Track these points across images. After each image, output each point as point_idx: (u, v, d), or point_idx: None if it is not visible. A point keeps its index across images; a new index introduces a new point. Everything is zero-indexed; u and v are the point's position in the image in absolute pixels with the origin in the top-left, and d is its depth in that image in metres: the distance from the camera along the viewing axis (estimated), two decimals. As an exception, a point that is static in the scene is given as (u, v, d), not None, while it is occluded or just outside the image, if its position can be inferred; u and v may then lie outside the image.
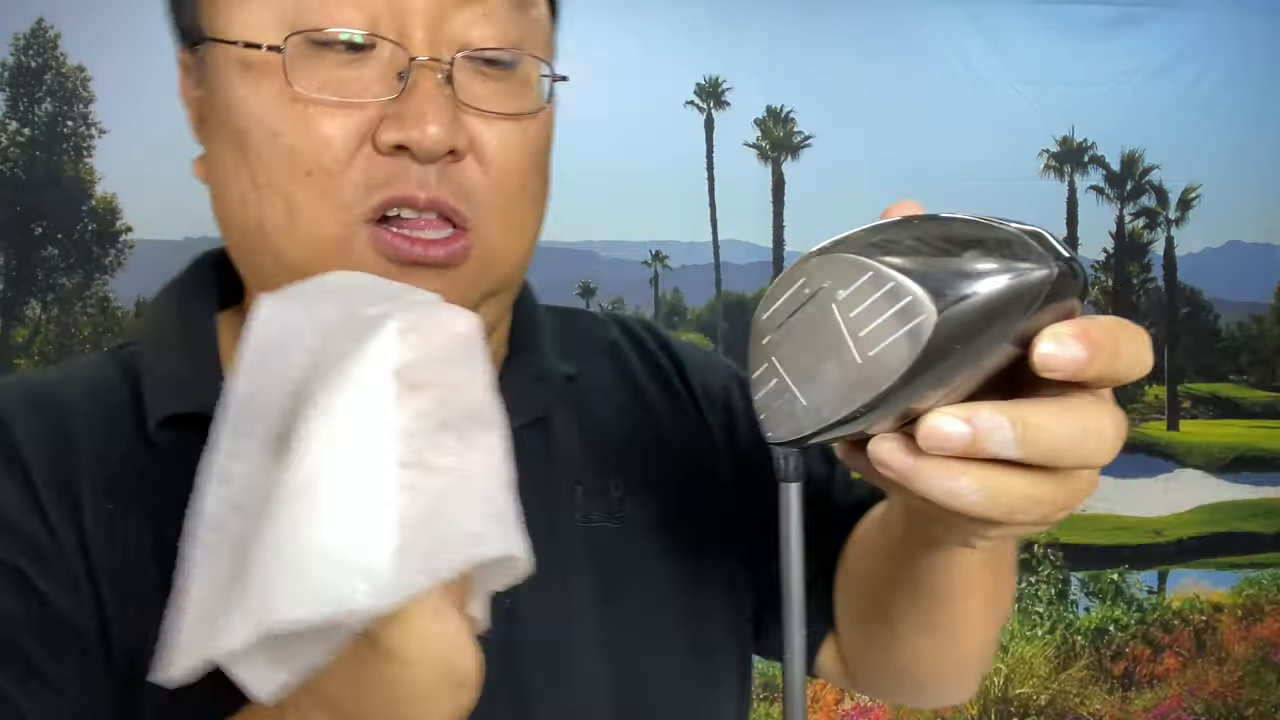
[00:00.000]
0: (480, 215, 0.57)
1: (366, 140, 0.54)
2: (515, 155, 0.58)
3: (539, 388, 0.65)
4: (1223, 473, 3.27)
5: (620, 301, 3.03)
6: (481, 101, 0.56)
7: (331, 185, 0.54)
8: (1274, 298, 3.36)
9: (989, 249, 0.36)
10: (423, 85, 0.54)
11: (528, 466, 0.60)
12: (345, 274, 0.48)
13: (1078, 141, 3.16)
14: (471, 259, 0.57)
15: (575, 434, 0.67)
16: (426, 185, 0.55)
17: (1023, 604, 3.06)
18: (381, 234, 0.55)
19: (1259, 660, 3.12)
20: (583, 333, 0.72)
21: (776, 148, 2.99)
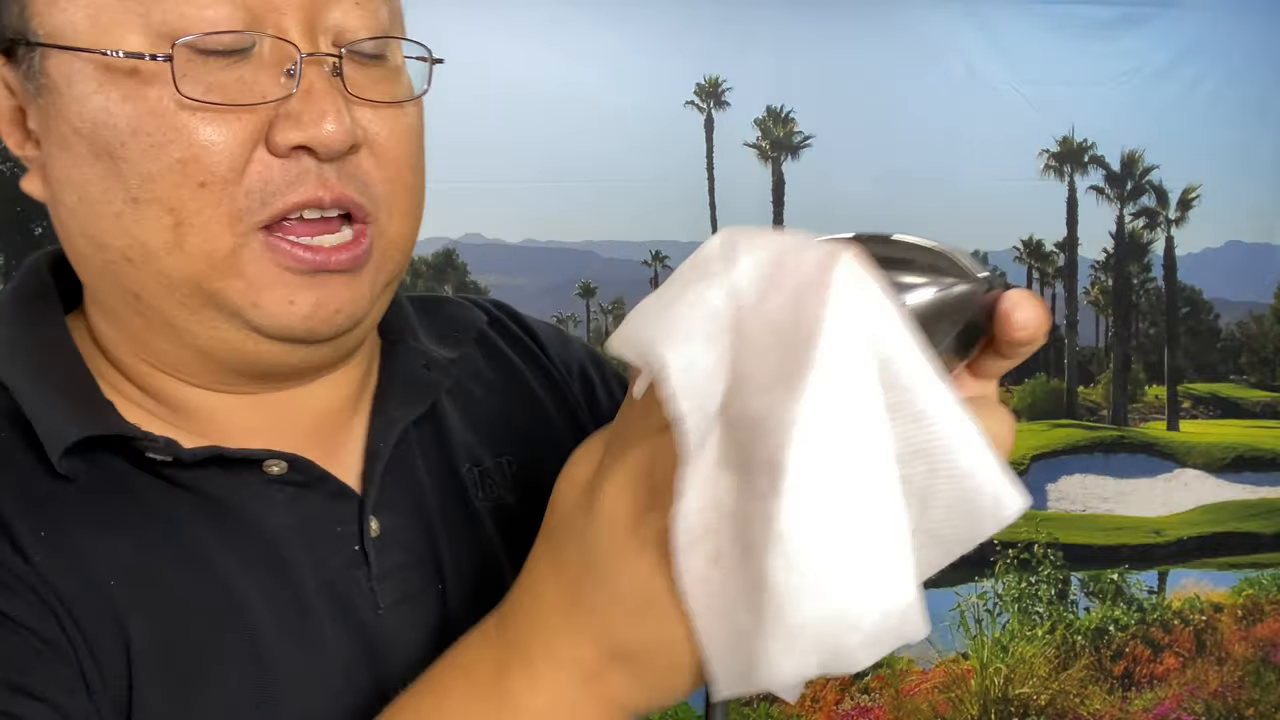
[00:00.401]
0: (379, 207, 0.56)
1: (259, 144, 0.52)
2: (404, 143, 0.57)
3: (430, 375, 0.65)
4: (1223, 473, 3.28)
5: (620, 302, 3.03)
6: (366, 91, 0.55)
7: (226, 194, 0.52)
8: (1274, 298, 3.36)
9: (927, 270, 0.40)
10: (316, 81, 0.53)
11: (430, 455, 0.64)
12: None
13: (1078, 141, 3.16)
14: (374, 254, 0.56)
15: (460, 418, 0.68)
16: (329, 184, 0.53)
17: (1023, 604, 3.06)
18: (277, 244, 0.53)
19: (1259, 660, 3.12)
20: (452, 320, 0.71)
21: (776, 148, 2.99)
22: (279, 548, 0.56)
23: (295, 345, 0.55)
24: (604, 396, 0.78)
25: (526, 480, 0.69)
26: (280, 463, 0.57)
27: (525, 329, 0.77)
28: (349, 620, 0.57)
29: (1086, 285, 3.28)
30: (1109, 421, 3.28)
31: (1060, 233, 3.22)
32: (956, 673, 2.97)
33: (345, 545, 0.58)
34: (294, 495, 0.58)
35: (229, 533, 0.55)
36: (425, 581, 0.61)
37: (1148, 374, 3.34)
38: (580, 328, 3.04)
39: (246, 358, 0.56)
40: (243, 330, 0.54)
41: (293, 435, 0.59)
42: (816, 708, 2.88)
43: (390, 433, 0.61)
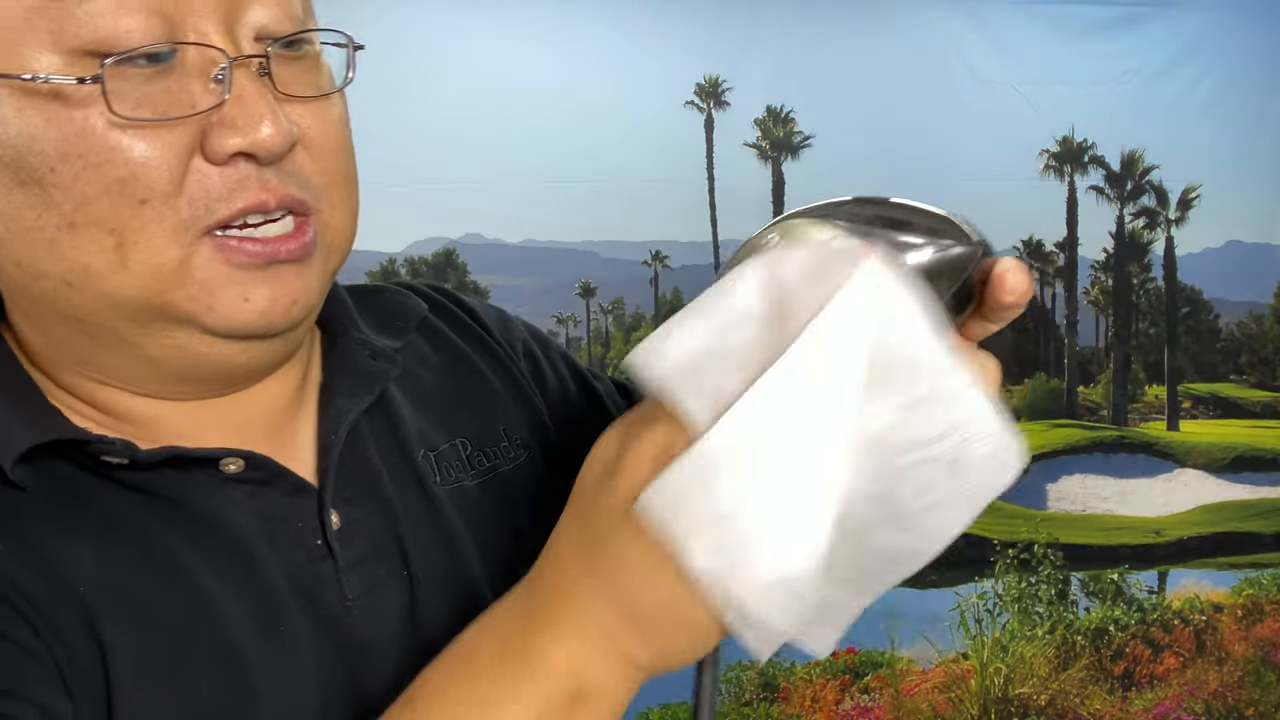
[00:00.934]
0: (319, 200, 0.56)
1: (194, 153, 0.51)
2: (336, 134, 0.57)
3: (376, 365, 0.65)
4: (1223, 473, 3.28)
5: (620, 301, 3.03)
6: (293, 87, 0.54)
7: (169, 208, 0.51)
8: (1274, 298, 3.36)
9: (928, 232, 0.44)
10: (247, 85, 0.51)
11: (383, 444, 0.65)
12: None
13: (1078, 141, 3.16)
14: (319, 245, 0.56)
15: (411, 406, 0.68)
16: (271, 187, 0.53)
17: (1023, 604, 3.06)
18: (225, 243, 0.52)
19: (1259, 660, 3.12)
20: (393, 309, 0.70)
21: (776, 148, 2.99)
22: (244, 545, 0.56)
23: (251, 342, 0.55)
24: (551, 375, 0.78)
25: (482, 461, 0.69)
26: (237, 460, 0.57)
27: (468, 311, 0.77)
28: (319, 614, 0.57)
29: (1086, 285, 3.28)
30: (1109, 421, 3.28)
31: (1060, 233, 3.22)
32: (956, 673, 2.97)
33: (308, 540, 0.58)
34: (252, 493, 0.57)
35: (192, 534, 0.55)
36: (391, 570, 0.61)
37: (1148, 374, 3.34)
38: (580, 328, 3.04)
39: (200, 362, 0.55)
40: (197, 335, 0.54)
41: (244, 435, 0.59)
42: (816, 708, 2.88)
43: (341, 424, 0.61)
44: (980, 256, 0.43)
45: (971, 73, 3.04)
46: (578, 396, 0.80)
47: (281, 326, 0.55)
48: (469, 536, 0.65)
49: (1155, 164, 3.21)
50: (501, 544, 0.67)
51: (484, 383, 0.73)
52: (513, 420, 0.73)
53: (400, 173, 2.71)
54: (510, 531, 0.68)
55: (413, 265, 2.85)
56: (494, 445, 0.70)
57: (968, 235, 0.43)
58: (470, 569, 0.64)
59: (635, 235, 2.96)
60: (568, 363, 0.82)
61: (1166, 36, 3.13)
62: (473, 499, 0.67)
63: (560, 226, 2.91)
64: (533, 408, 0.75)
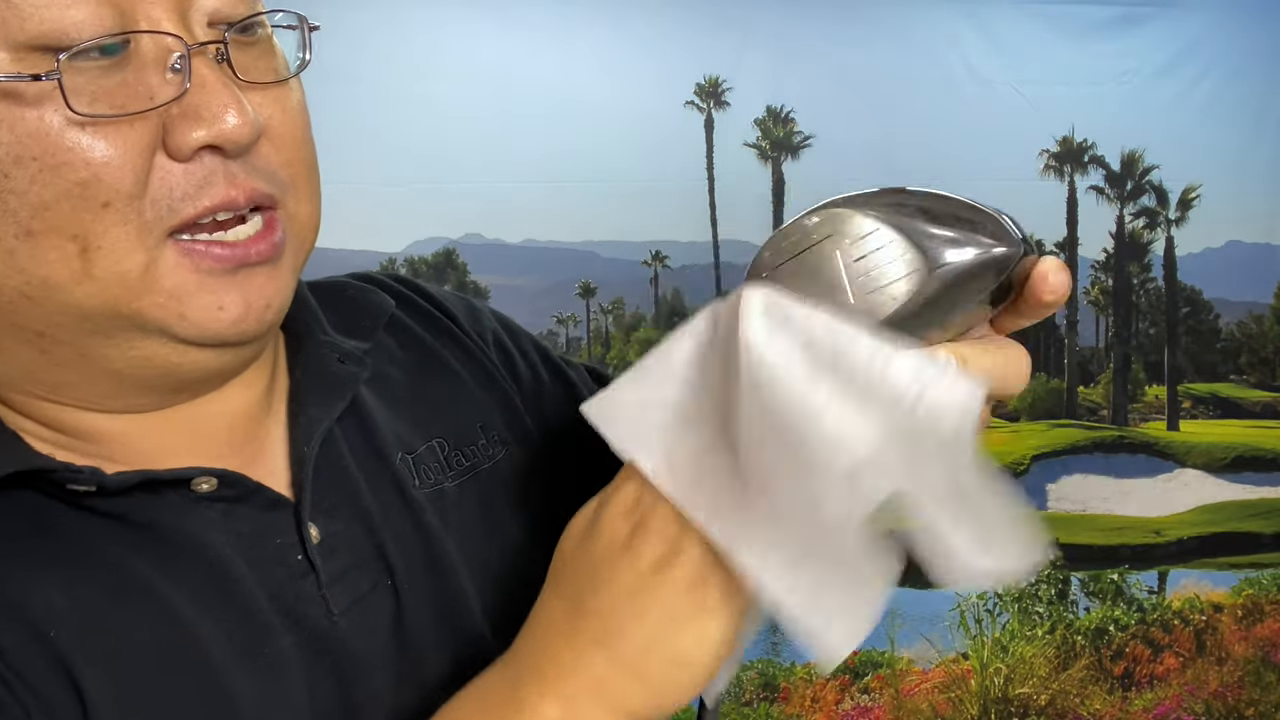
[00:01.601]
0: (285, 192, 0.53)
1: (156, 150, 0.48)
2: (297, 122, 0.55)
3: (345, 369, 0.62)
4: (1223, 473, 3.27)
5: (620, 301, 3.03)
6: (251, 73, 0.51)
7: (133, 210, 0.48)
8: (1274, 298, 3.36)
9: (972, 227, 0.44)
10: (207, 74, 0.49)
11: (358, 450, 0.63)
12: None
13: (1078, 141, 3.16)
14: (288, 242, 0.54)
15: (384, 408, 0.66)
16: (239, 182, 0.50)
17: (1023, 604, 3.06)
18: (191, 248, 0.49)
19: (1259, 660, 3.12)
20: (359, 308, 0.68)
21: (776, 148, 2.99)
22: (221, 567, 0.53)
23: (223, 349, 0.53)
24: (524, 367, 0.76)
25: (460, 460, 0.67)
26: (210, 479, 0.54)
27: (435, 304, 0.74)
28: (305, 632, 0.55)
29: (1086, 285, 3.28)
30: (1109, 421, 3.28)
31: (1060, 233, 3.22)
32: (956, 673, 2.97)
33: (288, 556, 0.56)
34: (226, 511, 0.55)
35: (166, 559, 0.52)
36: (375, 581, 0.59)
37: (1148, 374, 3.34)
38: (580, 328, 3.04)
39: (169, 371, 0.52)
40: (168, 344, 0.51)
41: (211, 447, 0.57)
42: (816, 708, 2.88)
43: (313, 434, 0.59)
44: (1022, 256, 0.44)
45: (971, 73, 3.03)
46: (552, 386, 0.78)
47: (256, 333, 0.53)
48: (451, 540, 0.63)
49: (1155, 164, 3.20)
50: (483, 545, 0.65)
51: (457, 379, 0.71)
52: (489, 416, 0.71)
53: (400, 173, 2.71)
54: (491, 531, 0.66)
55: (413, 265, 2.85)
56: (472, 444, 0.69)
57: (1009, 233, 0.43)
58: (454, 573, 0.63)
59: (635, 235, 2.96)
60: (539, 351, 0.80)
61: (1166, 36, 3.13)
62: (452, 501, 0.65)
63: (560, 226, 2.91)
64: (507, 401, 0.73)
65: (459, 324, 0.74)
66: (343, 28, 2.61)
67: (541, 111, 2.78)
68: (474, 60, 2.74)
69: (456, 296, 0.77)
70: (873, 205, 0.45)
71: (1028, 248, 0.44)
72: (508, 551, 0.66)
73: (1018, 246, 0.43)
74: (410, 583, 0.60)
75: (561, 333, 3.02)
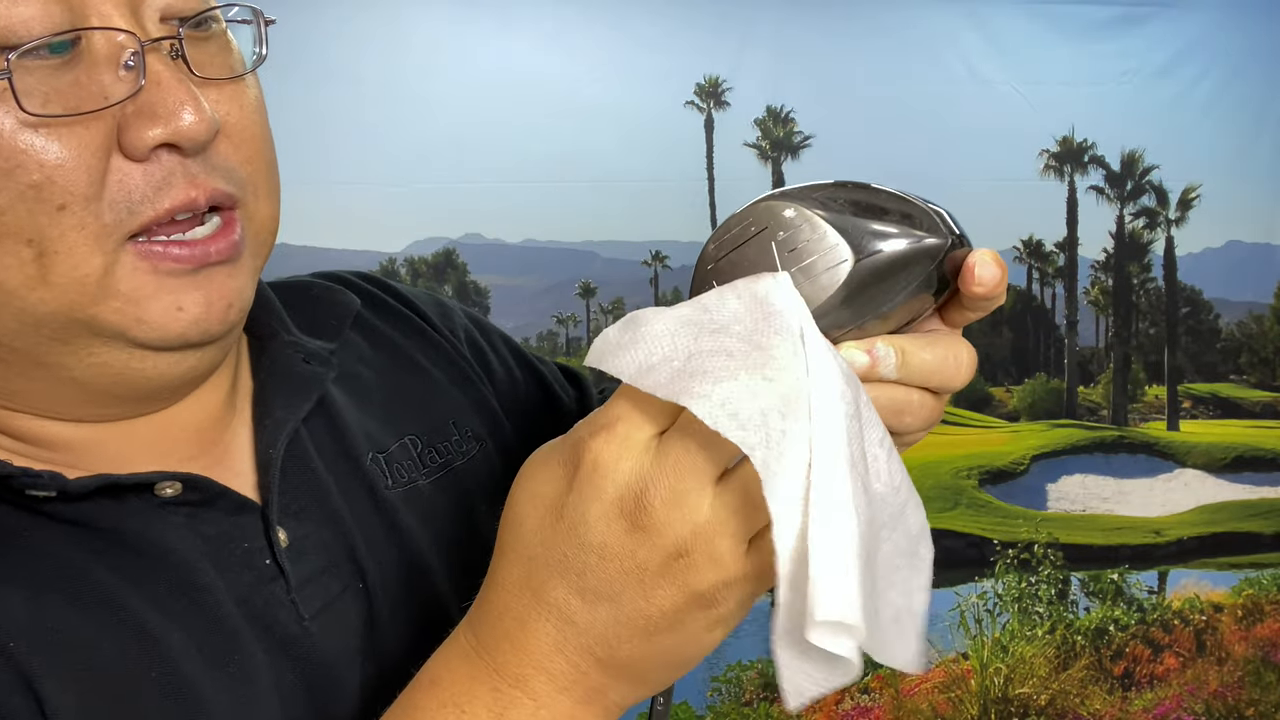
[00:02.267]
0: (245, 191, 0.52)
1: (112, 150, 0.47)
2: (255, 119, 0.53)
3: (310, 369, 0.61)
4: (1223, 473, 3.27)
5: (620, 302, 3.03)
6: (207, 69, 0.50)
7: (90, 213, 0.46)
8: (1274, 298, 3.36)
9: (903, 220, 0.44)
10: (162, 70, 0.47)
11: (327, 451, 0.61)
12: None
13: (1078, 141, 3.16)
14: (248, 240, 0.53)
15: (354, 407, 0.64)
16: (198, 182, 0.49)
17: (1023, 604, 3.06)
18: (149, 250, 0.48)
19: (1259, 660, 3.12)
20: (324, 307, 0.67)
21: (776, 148, 2.99)
22: (187, 574, 0.52)
23: (186, 352, 0.51)
24: (498, 364, 0.75)
25: (434, 457, 0.66)
26: (174, 484, 0.52)
27: (404, 302, 0.73)
28: (275, 638, 0.53)
29: (1086, 285, 3.28)
30: (1109, 421, 3.28)
31: (1060, 233, 3.22)
32: (956, 673, 2.97)
33: (256, 560, 0.54)
34: (192, 515, 0.53)
35: (130, 566, 0.51)
36: (346, 583, 0.58)
37: (1148, 374, 3.34)
38: (580, 328, 3.04)
39: (131, 378, 0.51)
40: (127, 350, 0.50)
41: (176, 452, 0.56)
42: (816, 708, 2.88)
43: (279, 435, 0.57)
44: (951, 248, 0.44)
45: (971, 73, 3.03)
46: (525, 383, 0.77)
47: (218, 333, 0.51)
48: (425, 539, 0.62)
49: (1155, 164, 3.20)
50: (459, 541, 0.64)
51: (428, 376, 0.70)
52: (462, 412, 0.70)
53: (400, 173, 2.70)
54: (468, 527, 0.65)
55: (413, 265, 2.85)
56: (445, 440, 0.68)
57: (940, 226, 0.44)
58: (428, 572, 0.62)
59: (635, 235, 2.96)
60: (510, 347, 0.79)
61: (1166, 36, 3.13)
62: (427, 498, 0.64)
63: (560, 226, 2.91)
64: (481, 398, 0.72)
65: (430, 322, 0.73)
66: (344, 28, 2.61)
67: (541, 111, 2.78)
68: (474, 60, 2.74)
69: (427, 295, 0.76)
70: (808, 197, 0.46)
71: (959, 240, 0.44)
72: (484, 546, 0.64)
73: (946, 238, 0.44)
74: (383, 584, 0.59)
75: (561, 333, 3.02)
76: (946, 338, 0.47)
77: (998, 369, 3.25)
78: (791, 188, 0.47)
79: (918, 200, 0.45)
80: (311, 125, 2.59)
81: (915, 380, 0.46)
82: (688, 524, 0.40)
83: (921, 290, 0.45)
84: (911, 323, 0.47)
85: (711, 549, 0.40)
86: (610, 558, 0.41)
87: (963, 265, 0.45)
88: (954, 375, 0.46)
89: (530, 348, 0.83)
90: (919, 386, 0.46)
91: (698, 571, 0.40)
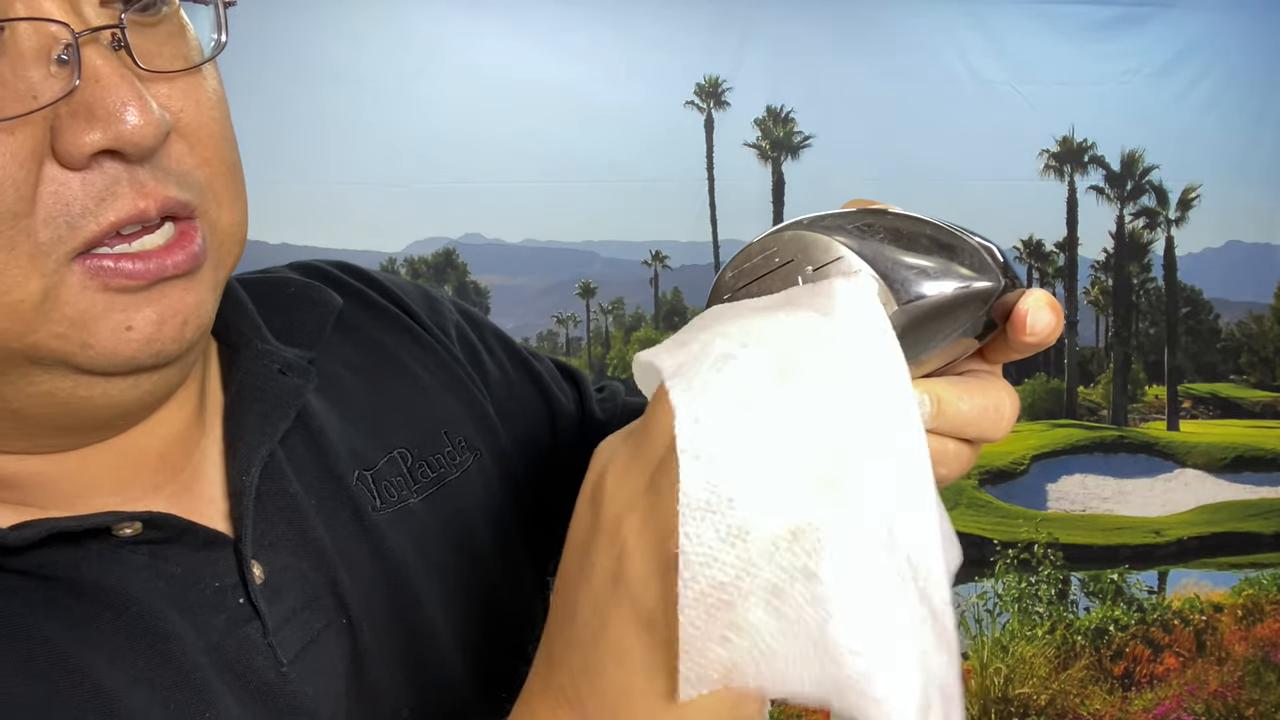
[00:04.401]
0: (204, 197, 0.46)
1: (45, 158, 0.41)
2: (213, 115, 0.47)
3: (287, 381, 0.55)
4: (1223, 473, 3.27)
5: (620, 301, 3.03)
6: (156, 61, 0.44)
7: (21, 231, 0.40)
8: (1274, 298, 3.36)
9: (949, 256, 0.39)
10: (101, 64, 0.41)
11: (307, 472, 0.55)
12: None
13: (1078, 141, 3.16)
14: (210, 250, 0.47)
15: (337, 420, 0.58)
16: (147, 190, 0.43)
17: (1023, 604, 3.06)
18: (99, 265, 0.42)
19: (1259, 660, 3.12)
20: (305, 309, 0.61)
21: (776, 148, 2.99)
22: (151, 622, 0.46)
23: (139, 376, 0.46)
24: (491, 363, 0.70)
25: (426, 472, 0.61)
26: (133, 524, 0.47)
27: (390, 298, 0.67)
28: (250, 687, 0.48)
29: (1086, 285, 3.28)
30: (1109, 421, 3.28)
31: (1060, 233, 3.22)
32: (956, 673, 2.97)
33: (228, 601, 0.49)
34: (155, 554, 0.48)
35: (84, 620, 0.45)
36: (328, 620, 0.52)
37: (1148, 374, 3.33)
38: (580, 328, 3.04)
39: (78, 408, 0.45)
40: (72, 377, 0.44)
41: (139, 481, 0.50)
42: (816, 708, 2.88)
43: (253, 460, 0.52)
44: (1003, 291, 0.39)
45: (971, 73, 3.03)
46: (520, 383, 0.72)
47: (174, 352, 0.45)
48: (416, 563, 0.57)
49: (1155, 164, 3.20)
50: (453, 563, 0.60)
51: (417, 381, 0.64)
52: (455, 420, 0.64)
53: (400, 173, 2.71)
54: (462, 547, 0.60)
55: (413, 265, 2.85)
56: (437, 452, 0.62)
57: (990, 265, 0.38)
58: (419, 600, 0.57)
59: (635, 235, 2.96)
60: (503, 344, 0.73)
61: (1166, 36, 3.13)
62: (419, 519, 0.59)
63: (560, 226, 2.91)
64: (474, 402, 0.66)
65: (418, 319, 0.67)
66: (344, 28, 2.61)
67: (541, 111, 2.78)
68: (474, 60, 2.74)
69: (414, 287, 0.70)
70: (841, 228, 0.40)
71: (1011, 280, 0.39)
72: (479, 566, 0.60)
73: (998, 281, 0.38)
74: (369, 619, 0.54)
75: (561, 333, 3.02)
76: (987, 384, 0.42)
77: (998, 369, 3.25)
78: (823, 215, 0.42)
79: (965, 234, 0.39)
80: (311, 125, 2.59)
81: (950, 431, 0.41)
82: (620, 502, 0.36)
83: (966, 335, 0.40)
84: (951, 364, 0.42)
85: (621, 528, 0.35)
86: (579, 568, 0.37)
87: (1014, 310, 0.39)
88: (994, 427, 0.41)
89: (530, 347, 0.80)
90: (954, 437, 0.42)
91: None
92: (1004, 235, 3.16)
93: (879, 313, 0.37)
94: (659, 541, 0.34)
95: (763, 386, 0.33)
